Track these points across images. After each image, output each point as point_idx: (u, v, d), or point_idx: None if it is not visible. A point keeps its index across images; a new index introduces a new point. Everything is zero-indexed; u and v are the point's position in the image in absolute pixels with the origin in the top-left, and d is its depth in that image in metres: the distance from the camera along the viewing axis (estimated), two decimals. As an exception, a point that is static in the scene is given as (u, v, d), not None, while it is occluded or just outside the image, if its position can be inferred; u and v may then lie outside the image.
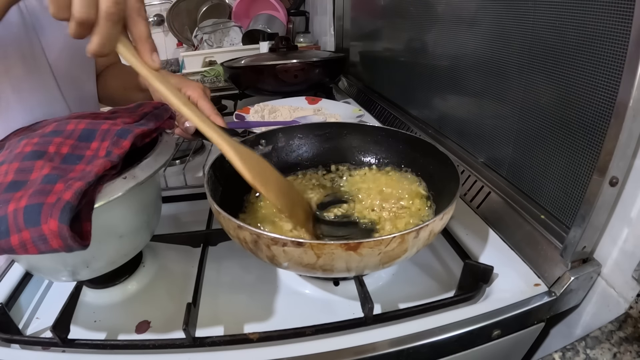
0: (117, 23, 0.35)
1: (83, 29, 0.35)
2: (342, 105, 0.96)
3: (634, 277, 0.39)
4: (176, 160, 0.78)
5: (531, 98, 0.51)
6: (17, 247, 0.33)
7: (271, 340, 0.40)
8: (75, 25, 0.34)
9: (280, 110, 0.90)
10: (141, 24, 0.37)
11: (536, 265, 0.47)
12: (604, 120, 0.41)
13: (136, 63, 0.38)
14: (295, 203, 0.47)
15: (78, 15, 0.34)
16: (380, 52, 1.05)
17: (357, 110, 0.89)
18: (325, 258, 0.37)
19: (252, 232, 0.38)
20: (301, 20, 1.78)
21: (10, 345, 0.42)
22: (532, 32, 0.49)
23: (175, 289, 0.49)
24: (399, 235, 0.36)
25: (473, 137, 0.66)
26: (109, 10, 0.34)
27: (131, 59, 0.38)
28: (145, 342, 0.40)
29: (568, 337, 0.46)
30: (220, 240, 0.54)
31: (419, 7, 0.79)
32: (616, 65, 0.38)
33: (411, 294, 0.46)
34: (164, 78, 0.39)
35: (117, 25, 0.36)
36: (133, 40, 0.38)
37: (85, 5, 0.34)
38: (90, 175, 0.36)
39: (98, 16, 0.34)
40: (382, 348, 0.38)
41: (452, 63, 0.70)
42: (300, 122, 0.78)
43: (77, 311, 0.44)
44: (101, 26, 0.35)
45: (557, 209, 0.48)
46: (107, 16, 0.34)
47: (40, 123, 0.47)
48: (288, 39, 1.17)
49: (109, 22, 0.35)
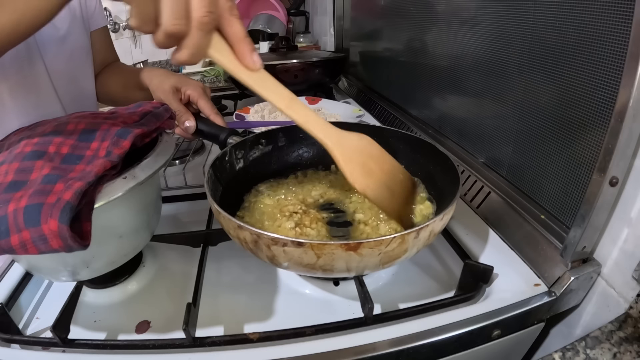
0: (209, 32, 0.33)
1: (172, 41, 0.32)
2: (342, 105, 0.96)
3: (634, 277, 0.39)
4: (176, 160, 0.78)
5: (531, 98, 0.51)
6: (17, 247, 0.33)
7: (271, 340, 0.40)
8: (164, 37, 0.31)
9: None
10: (236, 23, 0.34)
11: (536, 265, 0.47)
12: (604, 120, 0.41)
13: (233, 68, 0.35)
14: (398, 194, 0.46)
15: (170, 28, 0.30)
16: (380, 52, 1.05)
17: (357, 110, 0.89)
18: (326, 258, 0.37)
19: (252, 232, 0.38)
20: (301, 20, 1.78)
21: (10, 345, 0.42)
22: (532, 32, 0.49)
23: (175, 289, 0.49)
24: (399, 236, 0.36)
25: (473, 137, 0.66)
26: (203, 20, 0.31)
27: (227, 64, 0.35)
28: (145, 342, 0.40)
29: (568, 337, 0.46)
30: (220, 240, 0.54)
31: (419, 7, 0.79)
32: (616, 65, 0.38)
33: (411, 294, 0.46)
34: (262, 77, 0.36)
35: (210, 33, 0.33)
36: (229, 42, 0.35)
37: (177, 17, 0.30)
38: (90, 175, 0.36)
39: (190, 26, 0.31)
40: (382, 348, 0.38)
41: (452, 63, 0.70)
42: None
43: (77, 311, 0.44)
44: (193, 36, 0.31)
45: (557, 209, 0.48)
46: (200, 26, 0.31)
47: (40, 123, 0.47)
48: (288, 39, 1.17)
49: (202, 31, 0.32)
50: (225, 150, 0.53)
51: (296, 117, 0.40)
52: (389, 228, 0.47)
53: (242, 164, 0.56)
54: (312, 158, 0.61)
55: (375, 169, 0.45)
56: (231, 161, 0.54)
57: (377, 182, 0.44)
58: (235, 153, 0.55)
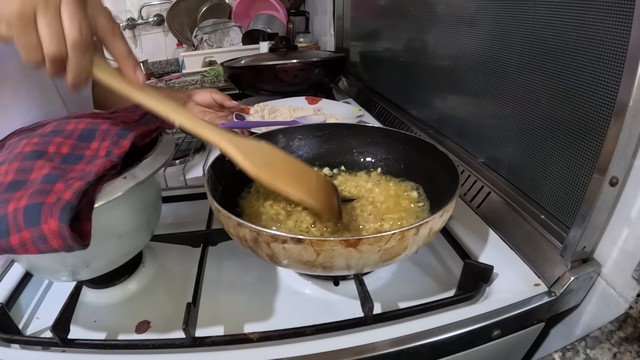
0: (86, 52, 0.34)
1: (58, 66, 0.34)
2: (342, 105, 0.96)
3: (634, 277, 0.39)
4: (176, 160, 0.78)
5: (531, 98, 0.51)
6: (17, 247, 0.33)
7: (271, 340, 0.40)
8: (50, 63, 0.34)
9: (281, 110, 0.90)
10: (119, 43, 0.37)
11: (536, 265, 0.47)
12: (604, 120, 0.41)
13: (116, 84, 0.37)
14: (317, 188, 0.45)
15: (50, 52, 0.33)
16: (380, 52, 1.05)
17: (357, 111, 0.89)
18: (325, 255, 0.37)
19: (252, 229, 0.38)
20: (301, 20, 1.78)
21: (10, 345, 0.41)
22: (532, 32, 0.49)
23: (175, 289, 0.49)
24: (398, 232, 0.36)
25: (473, 137, 0.66)
26: (75, 40, 0.33)
27: (111, 81, 0.37)
28: (145, 342, 0.40)
29: (568, 337, 0.46)
30: (220, 240, 0.54)
31: (419, 7, 0.79)
32: (616, 65, 0.38)
33: (411, 293, 0.46)
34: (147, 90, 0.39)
35: (86, 54, 0.35)
36: (115, 60, 0.38)
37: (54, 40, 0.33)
38: (90, 175, 0.36)
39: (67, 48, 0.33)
40: (382, 348, 0.38)
41: (452, 63, 0.70)
42: (301, 122, 0.78)
43: (77, 311, 0.44)
44: (70, 58, 0.34)
45: (557, 209, 0.48)
46: (74, 46, 0.33)
47: (40, 123, 0.47)
48: (288, 39, 1.17)
49: (77, 52, 0.34)
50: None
51: (184, 121, 0.40)
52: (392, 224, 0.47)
53: (242, 164, 0.56)
54: (312, 159, 0.61)
55: (282, 166, 0.44)
56: (231, 161, 0.54)
57: (286, 176, 0.43)
58: (235, 153, 0.55)
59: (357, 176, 0.58)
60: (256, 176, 0.41)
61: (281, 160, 0.44)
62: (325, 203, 0.44)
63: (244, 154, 0.41)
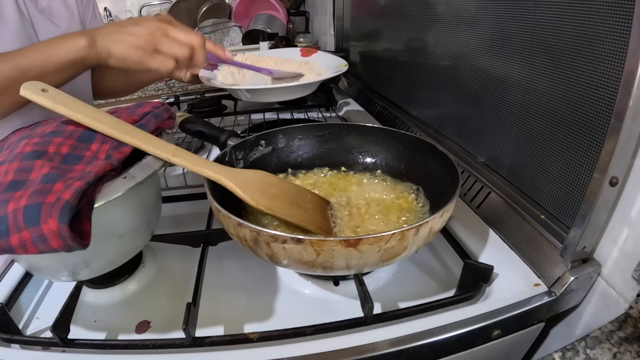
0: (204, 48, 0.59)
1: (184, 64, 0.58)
2: (333, 57, 0.85)
3: (634, 277, 0.39)
4: (176, 160, 0.78)
5: (531, 98, 0.51)
6: (17, 247, 0.33)
7: (271, 340, 0.40)
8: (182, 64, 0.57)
9: (266, 61, 0.83)
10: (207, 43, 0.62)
11: (536, 265, 0.47)
12: (604, 120, 0.41)
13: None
14: (312, 210, 0.48)
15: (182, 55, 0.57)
16: (380, 52, 1.05)
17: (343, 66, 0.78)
18: (325, 255, 0.37)
19: (252, 229, 0.38)
20: (301, 20, 1.78)
21: (10, 345, 0.42)
22: (532, 32, 0.49)
23: (175, 289, 0.49)
24: (398, 232, 0.36)
25: (473, 137, 0.66)
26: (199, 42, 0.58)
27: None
28: (145, 342, 0.40)
29: (568, 337, 0.46)
30: (220, 240, 0.54)
31: (419, 7, 0.79)
32: (616, 65, 0.38)
33: (411, 293, 0.46)
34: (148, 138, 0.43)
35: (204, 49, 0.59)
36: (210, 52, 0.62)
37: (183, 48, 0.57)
38: (90, 175, 0.36)
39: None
40: (382, 348, 0.38)
41: (452, 63, 0.70)
42: (274, 74, 0.75)
43: (77, 311, 0.44)
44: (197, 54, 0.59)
45: (557, 209, 0.48)
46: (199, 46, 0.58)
47: (40, 123, 0.47)
48: (288, 39, 1.17)
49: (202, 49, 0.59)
50: (225, 151, 0.53)
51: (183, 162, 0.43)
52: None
53: (242, 165, 0.56)
54: (311, 159, 0.61)
55: (278, 193, 0.47)
56: (231, 162, 0.54)
57: (283, 203, 0.46)
58: (235, 154, 0.55)
59: (357, 176, 0.58)
60: (256, 207, 0.44)
61: (277, 187, 0.47)
62: (319, 222, 0.47)
63: (243, 188, 0.44)
